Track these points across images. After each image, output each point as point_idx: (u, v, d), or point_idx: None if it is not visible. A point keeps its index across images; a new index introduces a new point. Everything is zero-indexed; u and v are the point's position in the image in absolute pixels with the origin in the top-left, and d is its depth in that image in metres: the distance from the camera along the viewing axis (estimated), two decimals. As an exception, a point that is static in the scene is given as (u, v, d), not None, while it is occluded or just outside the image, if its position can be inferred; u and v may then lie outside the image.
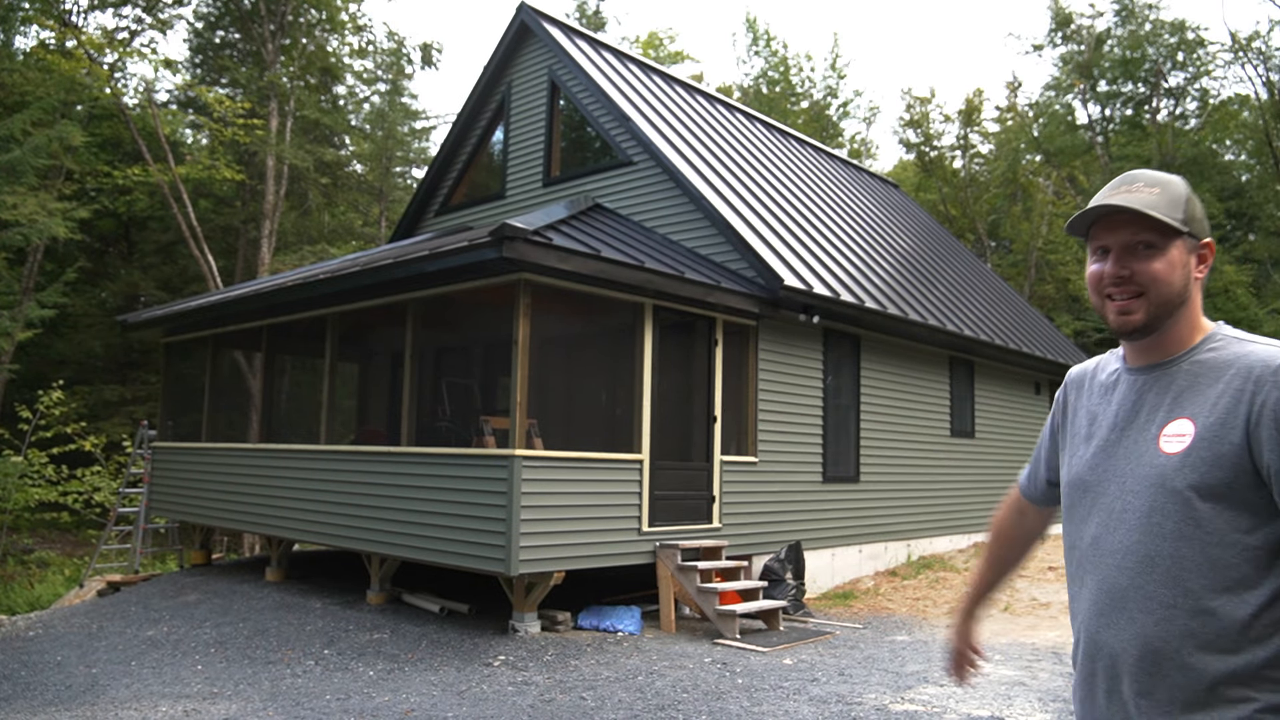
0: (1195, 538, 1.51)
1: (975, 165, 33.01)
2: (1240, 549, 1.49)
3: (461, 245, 7.50)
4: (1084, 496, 1.70)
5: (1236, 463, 1.49)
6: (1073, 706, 1.76)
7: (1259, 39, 27.08)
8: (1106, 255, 1.65)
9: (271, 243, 22.49)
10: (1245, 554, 1.49)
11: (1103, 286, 1.66)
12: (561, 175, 11.99)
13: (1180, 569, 1.52)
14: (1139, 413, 1.64)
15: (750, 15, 49.85)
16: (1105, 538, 1.63)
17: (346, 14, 25.86)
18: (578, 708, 5.64)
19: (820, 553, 10.50)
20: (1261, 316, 23.30)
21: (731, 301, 9.04)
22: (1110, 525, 1.62)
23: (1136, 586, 1.56)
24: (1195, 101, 29.49)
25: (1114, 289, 1.64)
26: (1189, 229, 1.61)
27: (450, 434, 10.75)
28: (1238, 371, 1.54)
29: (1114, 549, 1.61)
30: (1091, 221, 1.66)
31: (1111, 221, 1.63)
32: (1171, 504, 1.53)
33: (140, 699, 6.21)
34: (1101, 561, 1.63)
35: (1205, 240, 1.65)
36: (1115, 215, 1.62)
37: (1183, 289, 1.61)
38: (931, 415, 12.58)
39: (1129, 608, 1.57)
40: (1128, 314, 1.63)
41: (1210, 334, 1.64)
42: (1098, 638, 1.63)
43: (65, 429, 18.12)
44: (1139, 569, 1.56)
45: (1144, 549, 1.56)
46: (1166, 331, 1.63)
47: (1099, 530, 1.65)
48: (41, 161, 17.61)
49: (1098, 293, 1.68)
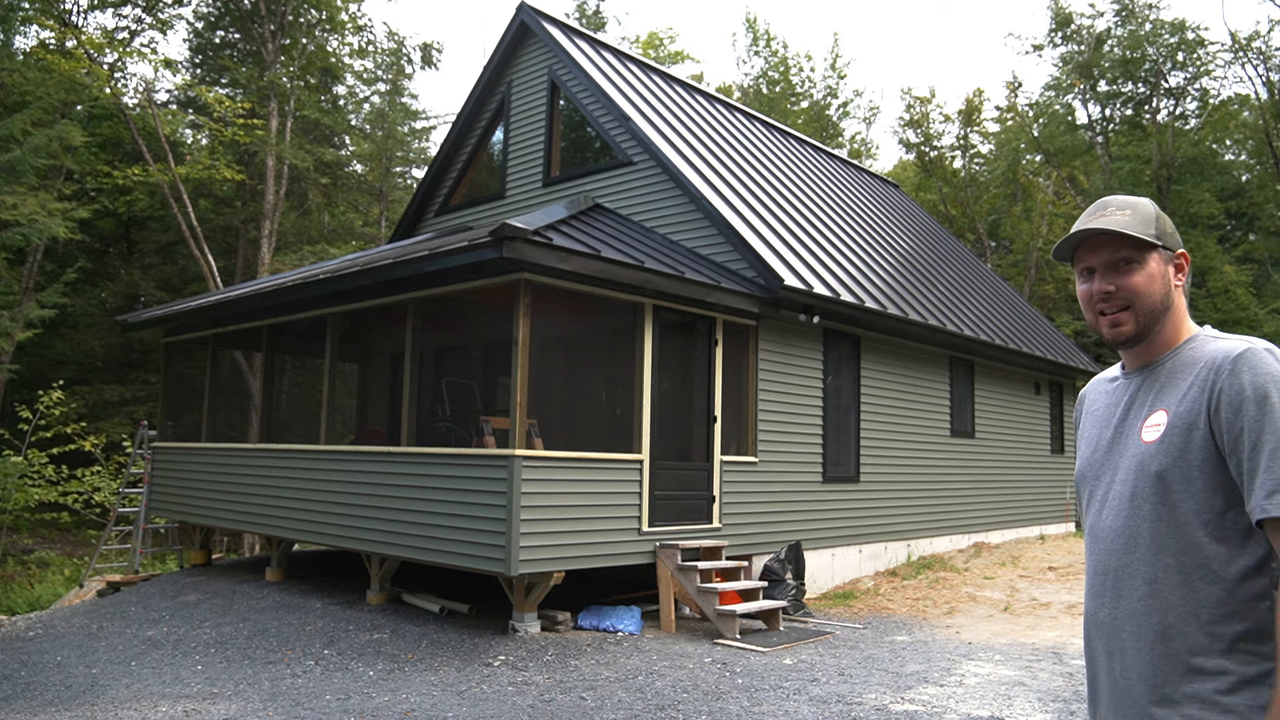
0: (1171, 519, 1.66)
1: (975, 165, 33.01)
2: (1213, 528, 1.62)
3: (461, 245, 7.50)
4: (1086, 489, 1.88)
5: (1203, 447, 1.63)
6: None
7: (1259, 39, 27.11)
8: (1092, 275, 1.84)
9: (271, 243, 22.48)
10: (1218, 533, 1.61)
11: (1094, 303, 1.83)
12: (561, 175, 11.99)
13: (1159, 548, 1.66)
14: (1130, 410, 1.81)
15: (750, 15, 49.86)
16: (1098, 524, 1.80)
17: (346, 14, 25.85)
18: (578, 708, 5.64)
19: (820, 553, 10.50)
20: (1261, 316, 23.29)
21: (731, 301, 9.03)
22: (1103, 512, 1.79)
23: (1122, 566, 1.72)
24: (1195, 101, 29.49)
25: (1103, 304, 1.81)
26: (1162, 242, 1.79)
27: (450, 434, 10.74)
28: (1205, 364, 1.69)
29: (1104, 533, 1.78)
30: (1074, 246, 1.85)
31: (1092, 244, 1.82)
32: (1149, 488, 1.68)
33: (140, 699, 6.21)
34: (1096, 545, 1.80)
35: (1179, 251, 1.83)
36: (1095, 238, 1.81)
37: (1164, 297, 1.78)
38: (931, 415, 12.58)
39: (1117, 586, 1.73)
40: (1118, 325, 1.80)
41: (1193, 335, 1.80)
42: (1095, 616, 1.79)
43: (65, 429, 18.12)
44: (1124, 550, 1.72)
45: (1128, 531, 1.71)
46: (1155, 337, 1.80)
47: (1094, 518, 1.82)
48: (41, 161, 17.63)
49: (1090, 309, 1.85)
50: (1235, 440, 1.59)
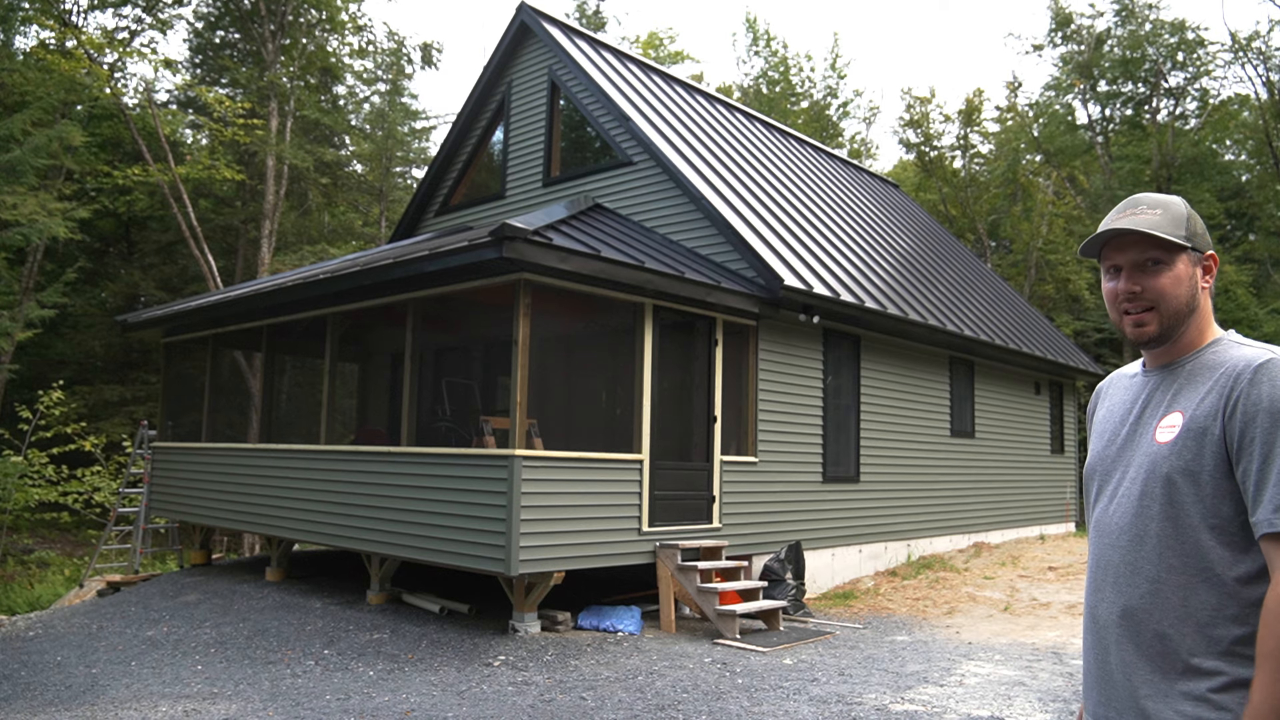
0: (1178, 520, 1.66)
1: (975, 165, 32.98)
2: (1219, 533, 1.62)
3: (461, 245, 7.50)
4: (1095, 483, 1.87)
5: (1215, 452, 1.63)
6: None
7: (1259, 39, 27.08)
8: (1119, 273, 1.81)
9: (271, 243, 22.48)
10: (1224, 538, 1.62)
11: (1118, 302, 1.82)
12: (561, 175, 11.99)
13: (1164, 547, 1.66)
14: (1147, 408, 1.80)
15: (750, 15, 49.84)
16: (1105, 518, 1.80)
17: (346, 14, 25.85)
18: (578, 708, 5.64)
19: (820, 553, 10.50)
20: (1261, 316, 23.29)
21: (731, 301, 9.03)
22: (1111, 507, 1.79)
23: (1127, 562, 1.72)
24: (1195, 101, 29.48)
25: (1128, 304, 1.80)
26: (1192, 244, 1.77)
27: (450, 434, 10.74)
28: (1225, 370, 1.68)
29: (1110, 529, 1.77)
30: (1102, 244, 1.83)
31: (1121, 243, 1.80)
32: (1160, 488, 1.68)
33: (140, 699, 6.21)
34: (1100, 540, 1.80)
35: (1208, 253, 1.81)
36: (1123, 237, 1.79)
37: (1190, 299, 1.77)
38: (931, 415, 12.58)
39: (1118, 582, 1.73)
40: (1142, 326, 1.78)
41: (1217, 339, 1.79)
42: (1095, 611, 1.79)
43: (65, 429, 18.12)
44: (1130, 546, 1.72)
45: (1135, 528, 1.71)
46: (1179, 338, 1.79)
47: (1101, 512, 1.82)
48: (41, 161, 17.62)
49: (1114, 308, 1.83)
50: (1245, 449, 1.59)
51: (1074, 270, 27.35)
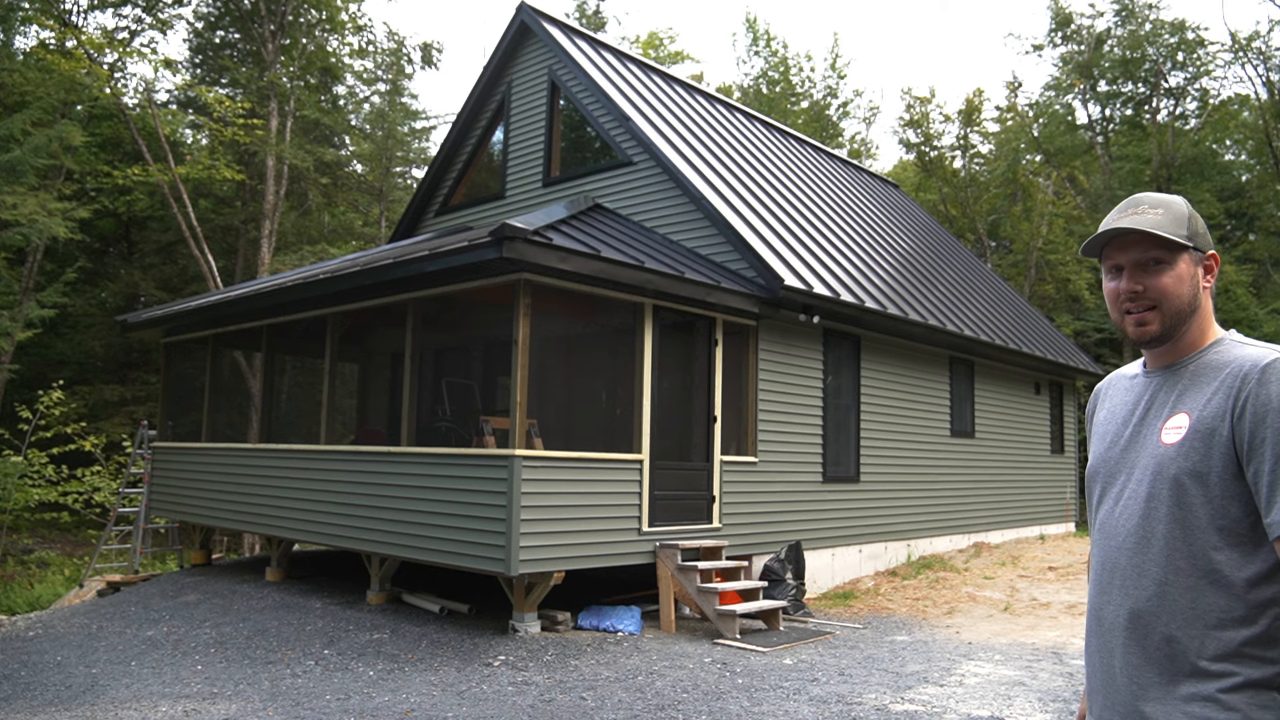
0: (1185, 522, 1.65)
1: (975, 165, 32.97)
2: (1228, 535, 1.61)
3: (461, 245, 7.50)
4: (1098, 485, 1.86)
5: (1224, 453, 1.62)
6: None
7: (1259, 39, 27.09)
8: (1120, 273, 1.81)
9: (271, 243, 22.48)
10: (1232, 539, 1.61)
11: (1120, 301, 1.81)
12: (561, 175, 11.99)
13: (1172, 549, 1.65)
14: (1150, 409, 1.79)
15: (750, 15, 49.83)
16: (1110, 521, 1.78)
17: (346, 14, 25.85)
18: (578, 708, 5.64)
19: (820, 553, 10.50)
20: (1261, 316, 23.29)
21: (731, 301, 9.03)
22: (1116, 509, 1.78)
23: (1133, 564, 1.71)
24: (1195, 101, 29.48)
25: (1130, 303, 1.79)
26: (1193, 244, 1.77)
27: (450, 434, 10.74)
28: (1231, 371, 1.67)
29: (1116, 530, 1.76)
30: (1104, 243, 1.83)
31: (1122, 242, 1.80)
32: (1167, 490, 1.67)
33: (140, 699, 6.21)
34: (1106, 542, 1.79)
35: (1210, 252, 1.80)
36: (1125, 236, 1.79)
37: (1192, 299, 1.77)
38: (931, 415, 12.58)
39: (1125, 584, 1.72)
40: (1144, 325, 1.78)
41: (1219, 339, 1.78)
42: (1100, 613, 1.78)
43: (65, 429, 18.12)
44: (1136, 548, 1.71)
45: (1142, 530, 1.70)
46: (1181, 338, 1.79)
47: (1106, 514, 1.81)
48: (41, 161, 17.63)
49: (1116, 307, 1.83)
50: (1256, 450, 1.58)
51: (1074, 270, 27.34)
